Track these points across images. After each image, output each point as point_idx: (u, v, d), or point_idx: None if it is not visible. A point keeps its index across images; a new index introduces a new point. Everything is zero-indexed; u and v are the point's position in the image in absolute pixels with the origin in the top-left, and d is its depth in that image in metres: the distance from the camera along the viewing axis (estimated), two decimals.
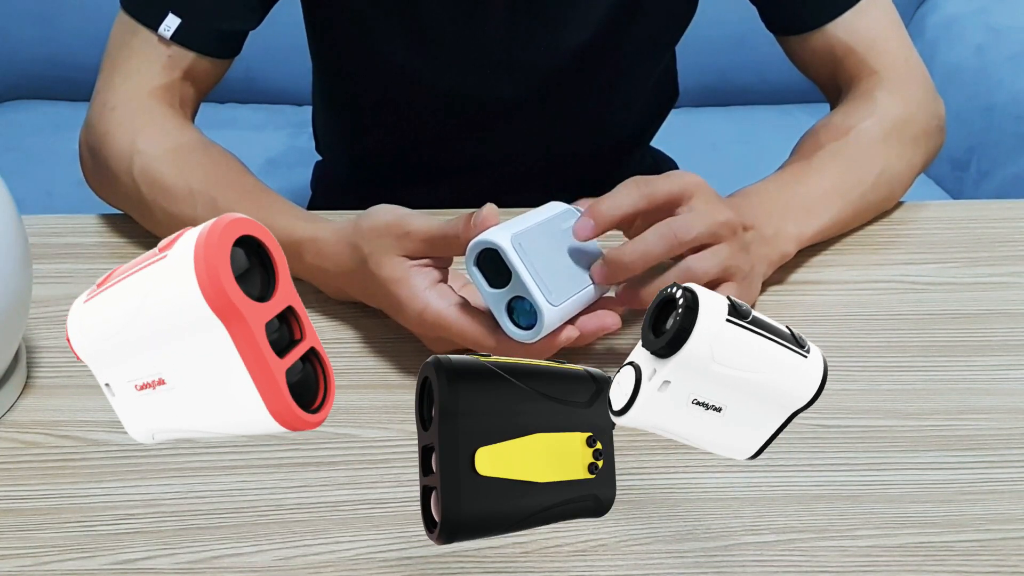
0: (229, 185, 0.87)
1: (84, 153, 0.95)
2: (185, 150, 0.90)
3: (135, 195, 0.89)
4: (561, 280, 0.72)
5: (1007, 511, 0.68)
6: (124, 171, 0.89)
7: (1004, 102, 1.62)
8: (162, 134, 0.90)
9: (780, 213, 0.85)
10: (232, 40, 0.97)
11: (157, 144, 0.89)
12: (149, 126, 0.91)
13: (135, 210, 0.91)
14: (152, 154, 0.88)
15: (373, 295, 0.78)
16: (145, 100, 0.92)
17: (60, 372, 0.78)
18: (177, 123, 0.92)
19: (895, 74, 0.97)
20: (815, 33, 0.99)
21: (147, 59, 0.93)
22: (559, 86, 1.05)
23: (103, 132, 0.91)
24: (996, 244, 0.93)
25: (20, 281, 0.73)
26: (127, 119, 0.91)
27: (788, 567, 0.64)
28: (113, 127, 0.91)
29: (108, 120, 0.92)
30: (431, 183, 1.11)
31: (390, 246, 0.75)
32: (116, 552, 0.65)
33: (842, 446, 0.73)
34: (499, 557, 0.65)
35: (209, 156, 0.90)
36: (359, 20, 1.02)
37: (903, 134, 0.94)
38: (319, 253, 0.80)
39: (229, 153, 0.91)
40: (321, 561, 0.64)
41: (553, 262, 0.72)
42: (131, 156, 0.89)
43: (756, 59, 1.76)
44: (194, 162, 0.89)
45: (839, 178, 0.89)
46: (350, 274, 0.79)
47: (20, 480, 0.70)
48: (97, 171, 0.93)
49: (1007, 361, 0.80)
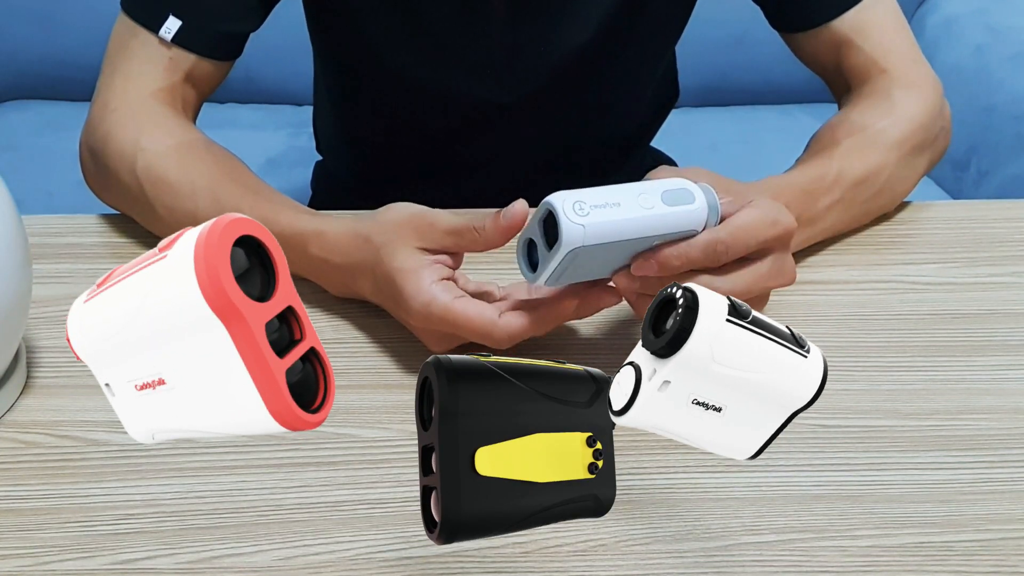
0: (232, 182, 0.87)
1: (85, 155, 0.95)
2: (188, 148, 0.89)
3: (137, 193, 0.89)
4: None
5: (1007, 511, 0.68)
6: (127, 169, 0.89)
7: (1004, 102, 1.62)
8: (165, 133, 0.90)
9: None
10: (233, 42, 0.97)
11: (160, 142, 0.89)
12: (152, 125, 0.91)
13: (137, 209, 0.91)
14: (156, 151, 0.88)
15: (378, 289, 0.78)
16: (147, 101, 0.92)
17: (60, 372, 0.78)
18: (179, 123, 0.92)
19: (906, 74, 0.96)
20: (821, 29, 0.98)
21: (148, 61, 0.93)
22: (560, 87, 1.05)
23: (104, 132, 0.91)
24: (996, 244, 0.93)
25: (20, 281, 0.73)
26: (129, 119, 0.91)
27: (788, 567, 0.64)
28: (114, 127, 0.91)
29: (109, 121, 0.92)
30: (432, 183, 1.11)
31: (409, 237, 0.75)
32: (116, 552, 0.65)
33: (842, 446, 0.73)
34: (499, 557, 0.65)
35: (212, 154, 0.90)
36: (361, 21, 1.02)
37: (916, 138, 0.93)
38: (324, 246, 0.80)
39: (231, 153, 0.91)
40: (321, 561, 0.64)
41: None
42: (134, 154, 0.89)
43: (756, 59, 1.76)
44: (197, 159, 0.88)
45: (850, 187, 0.88)
46: (356, 266, 0.79)
47: (20, 480, 0.70)
48: (98, 172, 0.93)
49: (1007, 361, 0.80)
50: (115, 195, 0.92)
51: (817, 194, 0.87)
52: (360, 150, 1.19)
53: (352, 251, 0.79)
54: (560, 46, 1.02)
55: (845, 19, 0.97)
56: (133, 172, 0.88)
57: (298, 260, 0.80)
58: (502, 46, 1.02)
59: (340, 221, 0.81)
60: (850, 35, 0.97)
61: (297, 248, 0.80)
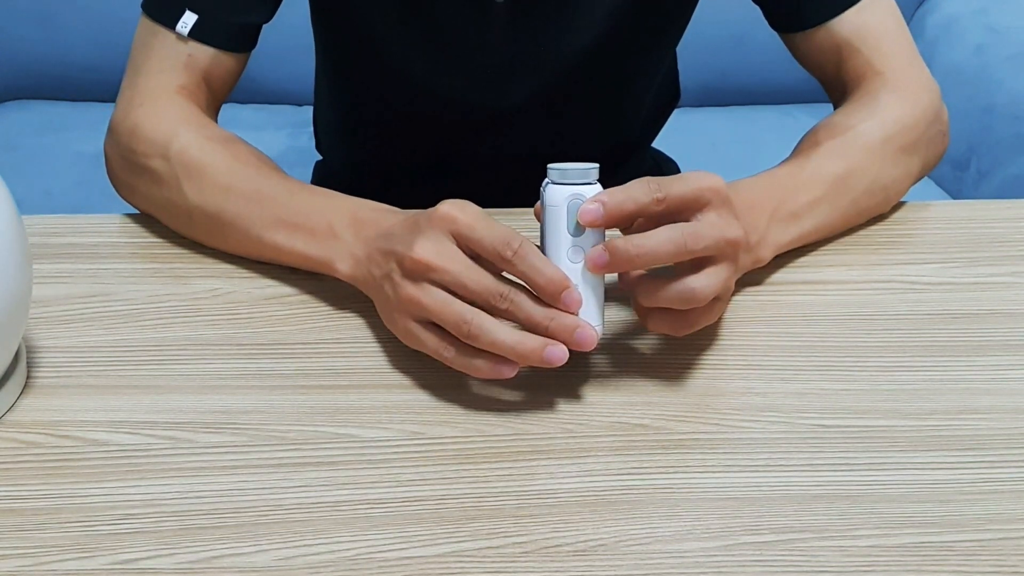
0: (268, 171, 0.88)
1: (110, 153, 0.95)
2: (222, 139, 0.91)
3: (168, 177, 0.89)
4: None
5: (1007, 511, 0.68)
6: (159, 155, 0.89)
7: (1003, 102, 1.62)
8: (198, 125, 0.91)
9: (768, 217, 0.84)
10: (247, 33, 0.98)
11: (194, 132, 0.90)
12: (183, 117, 0.92)
13: (163, 199, 0.90)
14: (190, 138, 0.89)
15: (400, 221, 0.78)
16: (174, 97, 0.93)
17: (60, 372, 0.78)
18: (206, 120, 0.93)
19: (900, 76, 0.96)
20: (819, 29, 0.98)
21: (168, 58, 0.95)
22: (562, 90, 1.05)
23: (132, 125, 0.92)
24: (996, 244, 0.93)
25: (20, 281, 0.73)
26: (159, 112, 0.92)
27: (788, 567, 0.64)
28: (144, 119, 0.92)
29: (137, 114, 0.92)
30: (432, 184, 1.11)
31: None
32: (116, 552, 0.65)
33: (842, 446, 0.73)
34: (499, 557, 0.65)
35: (246, 146, 0.91)
36: (365, 24, 1.03)
37: (902, 139, 0.93)
38: (362, 217, 0.82)
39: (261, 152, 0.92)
40: (321, 561, 0.64)
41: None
42: (168, 140, 0.89)
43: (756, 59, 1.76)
44: (233, 149, 0.90)
45: (830, 183, 0.88)
46: (388, 214, 0.80)
47: (20, 480, 0.70)
48: (125, 166, 0.93)
49: (1007, 361, 0.80)
50: (143, 187, 0.92)
51: (792, 189, 0.87)
52: (360, 150, 1.19)
53: (390, 215, 0.81)
54: (562, 50, 1.02)
55: (843, 20, 0.97)
56: (166, 156, 0.89)
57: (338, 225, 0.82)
58: (505, 50, 1.02)
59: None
60: (848, 37, 0.97)
61: (351, 228, 0.81)
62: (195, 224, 0.88)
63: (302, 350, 0.80)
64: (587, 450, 0.72)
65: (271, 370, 0.78)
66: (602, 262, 0.72)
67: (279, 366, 0.79)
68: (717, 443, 0.73)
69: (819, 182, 0.88)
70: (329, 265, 0.82)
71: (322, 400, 0.76)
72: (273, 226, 0.84)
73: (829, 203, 0.88)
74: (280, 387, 0.77)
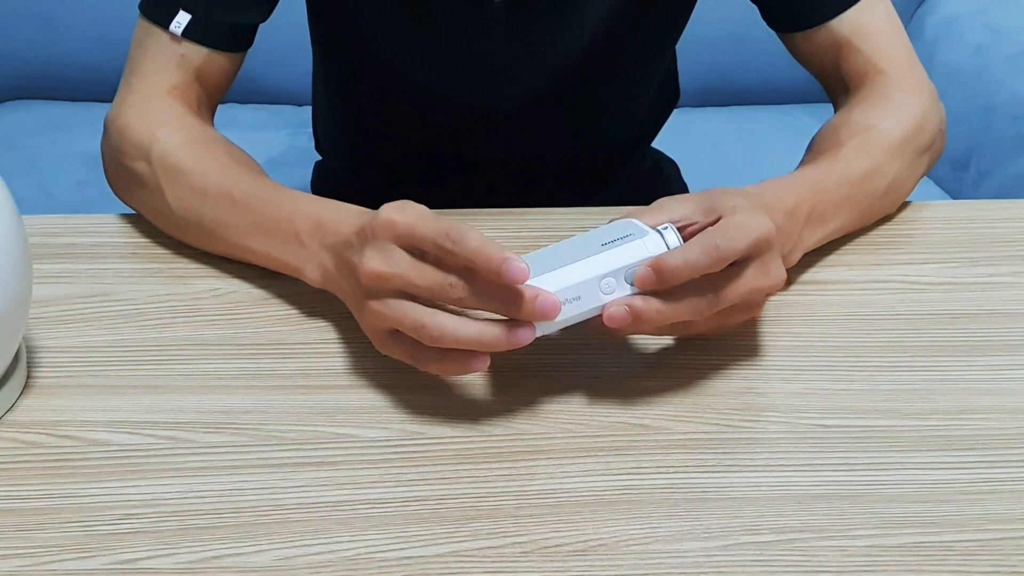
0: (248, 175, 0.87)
1: (104, 153, 0.95)
2: (203, 142, 0.90)
3: (151, 181, 0.88)
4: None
5: (1007, 511, 0.68)
6: (142, 157, 0.89)
7: (1003, 102, 1.62)
8: (181, 127, 0.91)
9: (803, 222, 0.83)
10: (241, 33, 0.98)
11: (176, 134, 0.90)
12: (168, 119, 0.91)
13: (150, 202, 0.90)
14: (171, 141, 0.89)
15: (355, 229, 0.76)
16: (163, 98, 0.93)
17: (60, 372, 0.78)
18: (194, 121, 0.93)
19: (904, 76, 0.96)
20: (819, 29, 0.98)
21: (161, 58, 0.95)
22: (561, 90, 1.05)
23: (122, 125, 0.92)
24: (996, 244, 0.93)
25: (20, 281, 0.73)
26: (146, 112, 0.92)
27: (788, 567, 0.64)
28: (131, 120, 0.92)
29: (126, 115, 0.93)
30: (432, 184, 1.11)
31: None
32: (116, 552, 0.65)
33: (842, 446, 0.73)
34: (499, 557, 0.65)
35: (227, 149, 0.90)
36: (363, 23, 1.03)
37: (919, 139, 0.93)
38: (324, 221, 0.80)
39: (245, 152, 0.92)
40: (321, 561, 0.64)
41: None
42: (150, 143, 0.89)
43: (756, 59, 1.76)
44: (212, 152, 0.89)
45: (855, 184, 0.88)
46: (348, 216, 0.78)
47: (20, 480, 0.70)
48: (116, 168, 0.93)
49: (1007, 361, 0.80)
50: (133, 188, 0.92)
51: (824, 191, 0.86)
52: (360, 150, 1.19)
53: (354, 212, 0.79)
54: (561, 50, 1.02)
55: (843, 20, 0.97)
56: (148, 160, 0.89)
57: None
58: (503, 50, 1.02)
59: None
60: (848, 36, 0.97)
61: (315, 236, 0.80)
62: (179, 228, 0.89)
63: (302, 350, 0.80)
64: (587, 450, 0.72)
65: (271, 370, 0.78)
66: (649, 280, 0.71)
67: (279, 366, 0.79)
68: (717, 443, 0.73)
69: (846, 183, 0.88)
70: (301, 273, 0.81)
71: (322, 400, 0.76)
72: (248, 232, 0.84)
73: (852, 204, 0.88)
74: (280, 387, 0.77)
